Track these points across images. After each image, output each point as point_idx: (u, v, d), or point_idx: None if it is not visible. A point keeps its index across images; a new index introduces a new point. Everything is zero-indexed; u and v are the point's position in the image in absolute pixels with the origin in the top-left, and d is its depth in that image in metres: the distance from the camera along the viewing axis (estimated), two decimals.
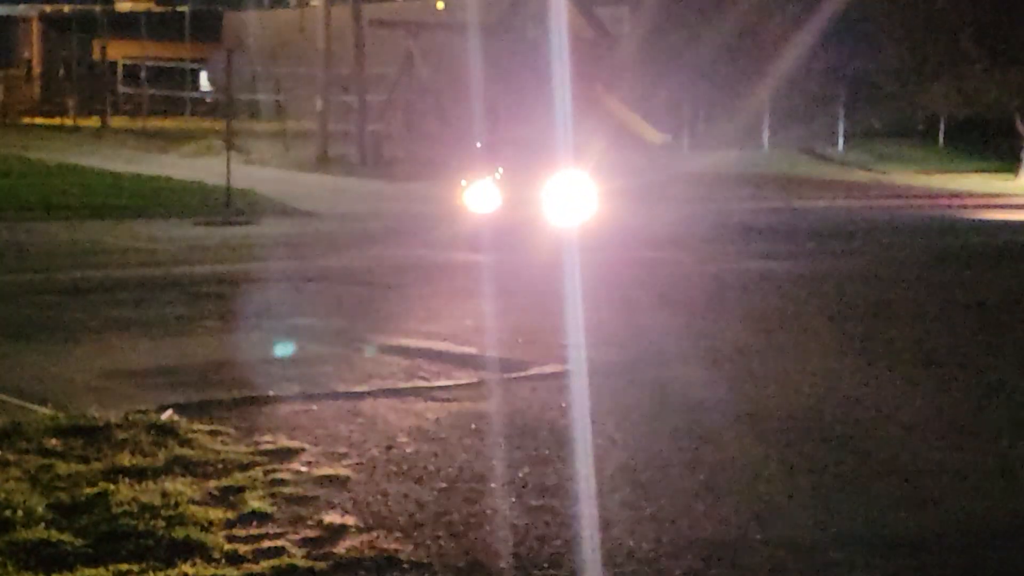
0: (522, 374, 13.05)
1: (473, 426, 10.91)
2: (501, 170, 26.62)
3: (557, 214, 25.07)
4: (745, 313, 17.35)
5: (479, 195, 25.80)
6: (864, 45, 54.89)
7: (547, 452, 10.16)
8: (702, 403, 11.93)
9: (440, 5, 68.00)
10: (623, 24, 62.32)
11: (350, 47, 45.93)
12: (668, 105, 53.62)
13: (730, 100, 55.32)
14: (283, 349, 14.29)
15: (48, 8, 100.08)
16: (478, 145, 27.20)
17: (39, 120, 70.06)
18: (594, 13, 54.76)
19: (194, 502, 8.55)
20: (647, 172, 41.52)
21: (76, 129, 62.67)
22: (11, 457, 9.42)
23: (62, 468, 9.19)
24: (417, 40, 50.87)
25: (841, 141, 55.35)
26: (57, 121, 67.27)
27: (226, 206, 30.20)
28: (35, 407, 11.18)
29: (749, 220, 31.08)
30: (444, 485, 9.28)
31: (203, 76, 56.49)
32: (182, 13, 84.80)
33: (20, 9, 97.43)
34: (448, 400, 11.86)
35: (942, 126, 57.96)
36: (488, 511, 8.73)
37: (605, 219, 29.24)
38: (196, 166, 42.78)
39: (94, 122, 65.52)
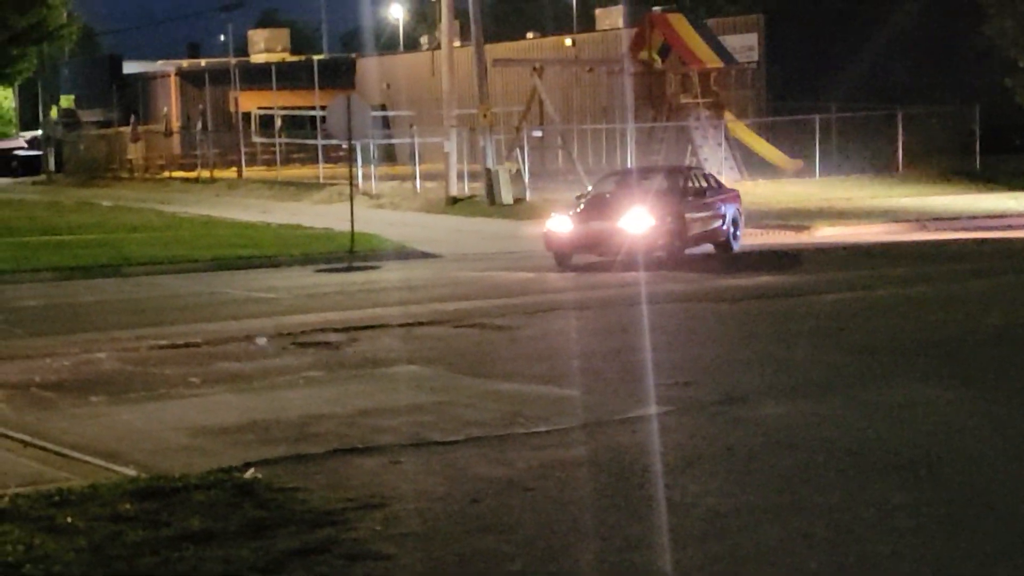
0: (621, 417, 12.59)
1: (563, 475, 10.48)
2: (581, 204, 27.82)
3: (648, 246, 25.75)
4: (863, 343, 16.74)
5: (559, 224, 27.01)
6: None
7: (636, 500, 9.71)
8: (807, 442, 11.40)
9: (567, 42, 67.84)
10: (753, 52, 61.65)
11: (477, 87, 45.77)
12: (800, 131, 52.82)
13: (864, 125, 54.39)
14: (381, 398, 13.99)
15: (185, 63, 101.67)
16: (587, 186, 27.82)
17: (177, 173, 70.83)
18: (721, 42, 54.24)
19: (255, 569, 8.22)
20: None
21: (212, 181, 63.28)
22: (81, 524, 9.17)
23: (130, 535, 8.91)
24: (543, 78, 50.63)
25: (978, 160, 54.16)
26: (194, 174, 67.97)
27: (350, 252, 30.13)
28: (118, 468, 10.97)
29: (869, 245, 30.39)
30: (525, 540, 8.87)
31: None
32: (314, 62, 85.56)
33: (158, 66, 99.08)
34: (542, 448, 11.44)
35: None
36: (567, 568, 8.32)
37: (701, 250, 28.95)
38: (326, 213, 42.87)
39: (230, 173, 66.12)
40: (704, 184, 29.50)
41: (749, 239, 31.65)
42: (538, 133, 52.43)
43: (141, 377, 15.52)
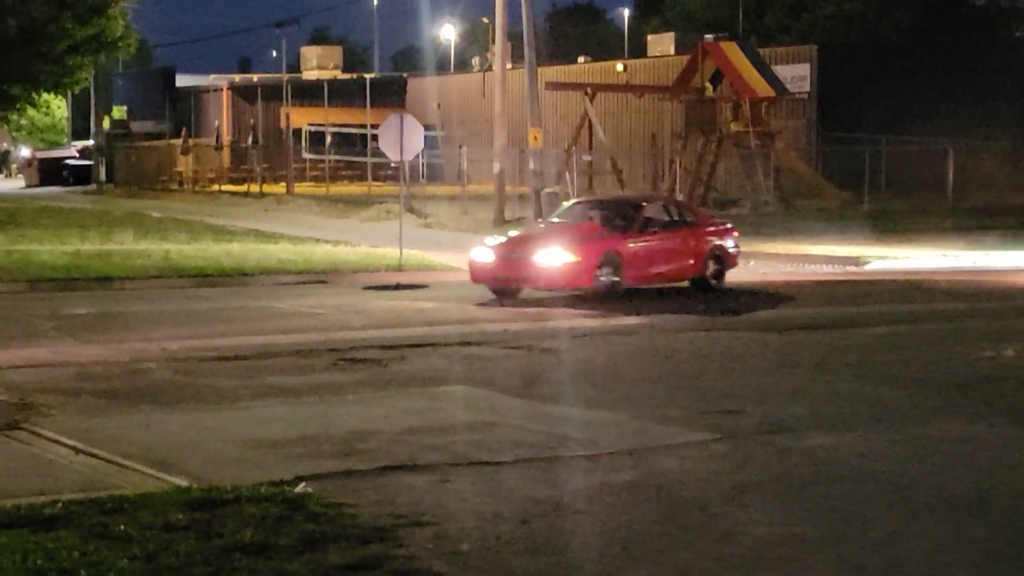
0: (669, 443, 12.61)
1: (612, 499, 10.52)
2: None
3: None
4: (922, 375, 16.72)
5: (480, 255, 25.93)
6: None
7: (685, 527, 9.74)
8: (855, 474, 11.41)
9: (618, 68, 67.94)
10: (805, 82, 61.64)
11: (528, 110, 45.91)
12: (849, 162, 52.71)
13: (914, 158, 54.28)
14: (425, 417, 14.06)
15: (237, 78, 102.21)
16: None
17: (227, 187, 71.15)
18: (773, 72, 54.23)
19: None
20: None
21: (261, 196, 63.54)
22: (134, 532, 9.26)
23: (183, 545, 8.99)
24: (594, 102, 50.74)
25: None
26: (244, 188, 68.28)
27: (398, 270, 30.25)
28: (169, 478, 11.06)
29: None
30: (573, 563, 8.91)
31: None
32: (366, 80, 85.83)
33: (211, 79, 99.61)
34: (591, 471, 11.49)
35: None
36: None
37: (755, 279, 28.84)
38: (374, 231, 43.03)
39: (279, 188, 66.39)
40: (675, 217, 28.08)
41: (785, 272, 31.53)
42: (588, 157, 52.55)
43: (192, 388, 15.63)
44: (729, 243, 28.08)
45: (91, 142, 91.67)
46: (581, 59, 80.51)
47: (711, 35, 57.39)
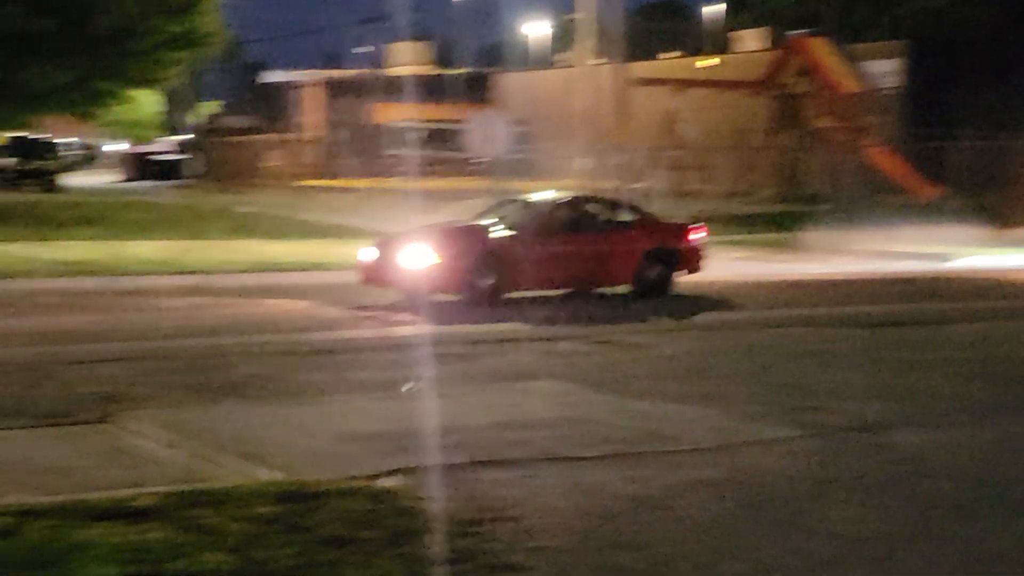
0: (754, 438, 12.58)
1: (698, 495, 10.51)
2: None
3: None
4: (1010, 372, 16.57)
5: (365, 254, 24.29)
6: None
7: (770, 523, 9.72)
8: (942, 470, 11.33)
9: (706, 63, 67.69)
10: (894, 77, 61.18)
11: (615, 106, 45.91)
12: (938, 159, 52.26)
13: (1008, 151, 53.70)
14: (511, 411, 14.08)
15: (326, 74, 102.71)
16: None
17: (315, 182, 71.55)
18: (861, 68, 53.87)
19: None
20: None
21: (349, 191, 63.80)
22: (223, 525, 9.35)
23: (272, 538, 9.08)
24: (680, 98, 50.61)
25: None
26: (331, 183, 68.62)
27: None
28: (257, 471, 11.15)
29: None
30: (660, 558, 8.91)
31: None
32: (455, 76, 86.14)
33: (300, 75, 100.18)
34: (677, 466, 11.47)
35: None
36: None
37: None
38: None
39: (367, 183, 66.66)
40: (610, 218, 25.91)
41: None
42: (673, 153, 52.47)
43: (279, 381, 15.75)
44: (683, 245, 25.68)
45: (183, 137, 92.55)
46: (667, 55, 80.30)
47: (799, 30, 57.04)
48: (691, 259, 25.80)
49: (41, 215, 41.90)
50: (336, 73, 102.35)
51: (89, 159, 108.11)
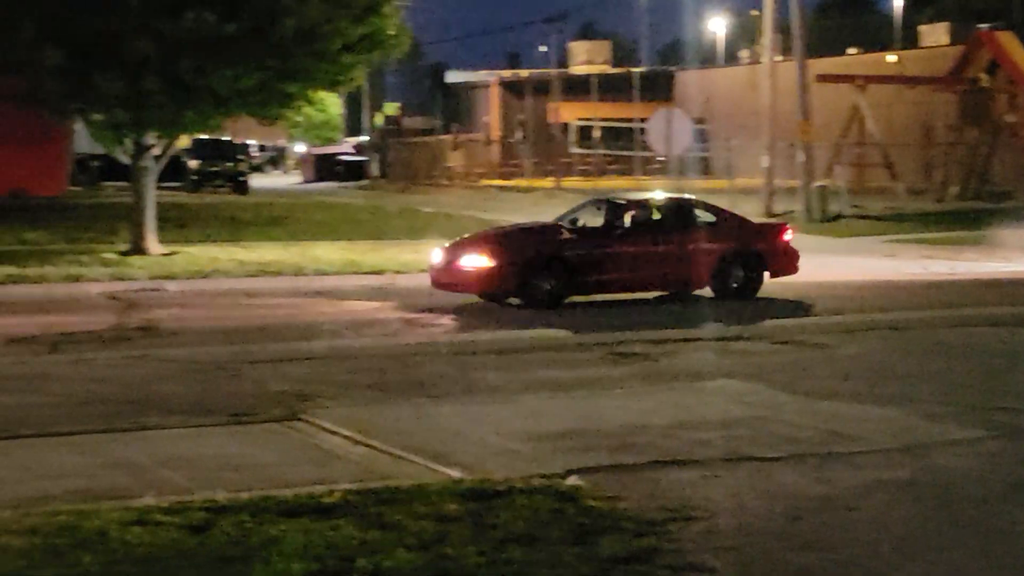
0: (942, 439, 12.41)
1: (886, 496, 10.39)
2: None
3: None
4: None
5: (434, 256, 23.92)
6: None
7: (960, 525, 9.58)
8: None
9: (890, 58, 66.81)
10: None
11: (798, 103, 45.47)
12: None
13: None
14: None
15: (506, 74, 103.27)
16: None
17: (495, 182, 72.00)
18: None
19: (580, 575, 8.38)
20: None
21: (530, 190, 64.08)
22: (409, 522, 9.45)
23: (457, 536, 9.16)
24: (865, 94, 49.99)
25: None
26: (512, 182, 68.99)
27: None
28: (443, 469, 11.25)
29: None
30: (847, 560, 8.83)
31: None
32: (634, 74, 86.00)
33: (480, 76, 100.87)
34: (863, 467, 11.35)
35: None
36: None
37: None
38: None
39: (547, 183, 66.91)
40: (684, 218, 24.81)
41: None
42: (857, 150, 51.83)
43: (463, 380, 15.88)
44: (769, 247, 24.90)
45: (364, 138, 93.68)
46: (851, 51, 79.44)
47: (986, 24, 56.05)
48: (781, 261, 25.00)
49: (231, 216, 42.69)
50: (515, 73, 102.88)
51: (274, 161, 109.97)
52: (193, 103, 29.34)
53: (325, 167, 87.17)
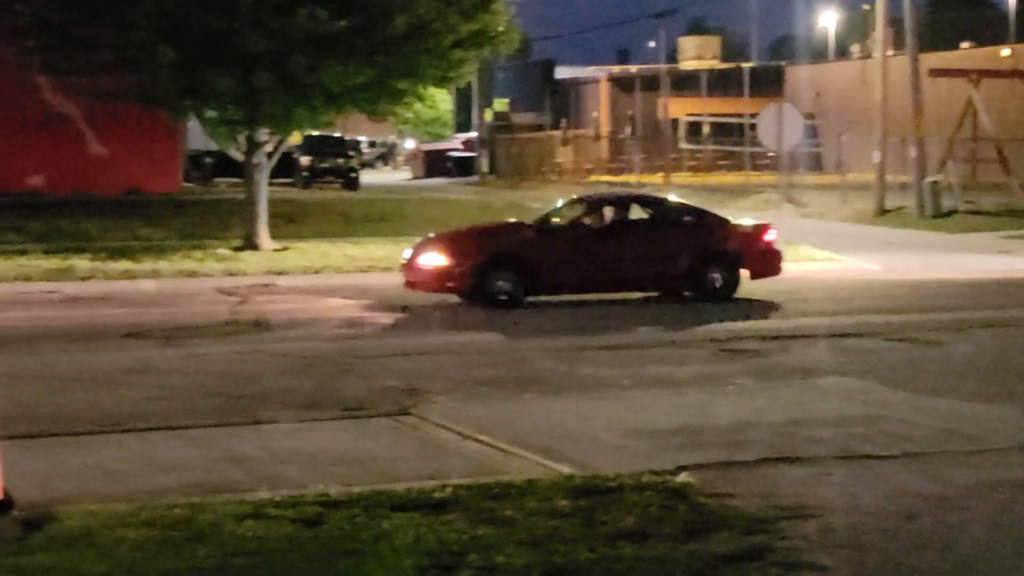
0: None
1: (1003, 496, 10.24)
2: None
3: None
4: None
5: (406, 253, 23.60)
6: None
7: None
8: None
9: (1004, 52, 65.94)
10: None
11: (910, 97, 45.00)
12: None
13: None
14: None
15: (615, 69, 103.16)
16: None
17: (605, 178, 71.87)
18: None
19: (691, 572, 8.35)
20: None
21: (639, 186, 63.90)
22: (520, 517, 9.46)
23: (567, 531, 9.15)
24: (978, 88, 49.36)
25: None
26: (621, 178, 68.84)
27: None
28: (553, 465, 11.25)
29: None
30: (964, 560, 8.73)
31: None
32: (744, 70, 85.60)
33: (589, 72, 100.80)
34: (979, 467, 11.21)
35: None
36: None
37: None
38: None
39: (656, 178, 66.73)
40: (657, 218, 24.29)
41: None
42: (971, 145, 51.18)
43: (572, 376, 15.87)
44: (746, 248, 23.99)
45: (473, 134, 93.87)
46: (964, 45, 78.48)
47: None
48: (760, 262, 24.21)
49: (341, 212, 42.91)
50: (624, 68, 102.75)
51: (384, 157, 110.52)
52: (304, 99, 29.57)
53: (435, 163, 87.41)
